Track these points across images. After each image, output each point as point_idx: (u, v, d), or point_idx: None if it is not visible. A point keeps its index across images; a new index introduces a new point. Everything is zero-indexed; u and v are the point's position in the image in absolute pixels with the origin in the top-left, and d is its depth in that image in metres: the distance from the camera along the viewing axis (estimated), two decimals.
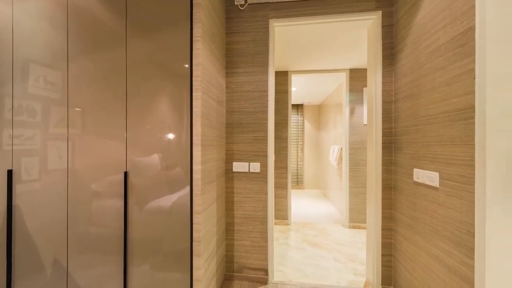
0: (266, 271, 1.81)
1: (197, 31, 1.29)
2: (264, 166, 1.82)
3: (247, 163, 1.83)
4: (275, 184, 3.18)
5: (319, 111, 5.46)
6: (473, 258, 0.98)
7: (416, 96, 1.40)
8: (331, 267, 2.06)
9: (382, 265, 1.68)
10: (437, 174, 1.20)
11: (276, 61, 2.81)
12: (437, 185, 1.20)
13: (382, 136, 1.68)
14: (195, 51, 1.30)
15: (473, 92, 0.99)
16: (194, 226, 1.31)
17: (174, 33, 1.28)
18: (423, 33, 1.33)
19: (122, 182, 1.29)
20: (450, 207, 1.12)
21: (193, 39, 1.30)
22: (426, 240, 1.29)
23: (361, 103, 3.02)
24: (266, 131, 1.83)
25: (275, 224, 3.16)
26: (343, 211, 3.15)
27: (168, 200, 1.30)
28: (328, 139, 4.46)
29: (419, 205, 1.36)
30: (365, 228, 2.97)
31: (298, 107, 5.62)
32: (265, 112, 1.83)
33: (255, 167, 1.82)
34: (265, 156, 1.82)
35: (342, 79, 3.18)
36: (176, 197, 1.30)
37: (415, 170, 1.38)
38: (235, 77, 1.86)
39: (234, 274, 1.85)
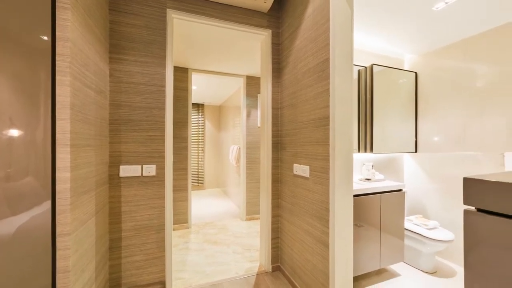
0: (163, 283, 1.66)
1: None
2: (161, 168, 1.66)
3: (139, 166, 1.60)
4: (174, 187, 2.97)
5: (220, 112, 5.63)
6: (328, 227, 1.35)
7: (295, 105, 1.74)
8: (230, 260, 2.18)
9: (272, 247, 1.97)
10: (308, 167, 1.55)
11: (176, 55, 2.64)
12: (308, 176, 1.55)
13: (272, 137, 1.97)
14: (61, 22, 0.99)
15: (328, 106, 1.36)
16: (59, 253, 0.99)
17: None
18: (299, 55, 1.68)
19: None
20: (316, 191, 1.47)
21: (57, 4, 0.98)
22: (301, 219, 1.63)
23: (256, 107, 3.40)
24: (164, 129, 1.67)
25: (175, 229, 2.96)
26: (241, 206, 3.41)
27: (8, 226, 0.90)
28: (228, 139, 4.69)
29: (297, 193, 1.70)
30: (259, 218, 3.37)
31: (199, 106, 5.54)
32: (163, 109, 1.67)
33: (150, 170, 1.62)
34: (162, 157, 1.66)
35: (241, 83, 3.44)
36: (26, 218, 0.93)
37: (295, 165, 1.72)
38: (123, 64, 1.57)
39: None
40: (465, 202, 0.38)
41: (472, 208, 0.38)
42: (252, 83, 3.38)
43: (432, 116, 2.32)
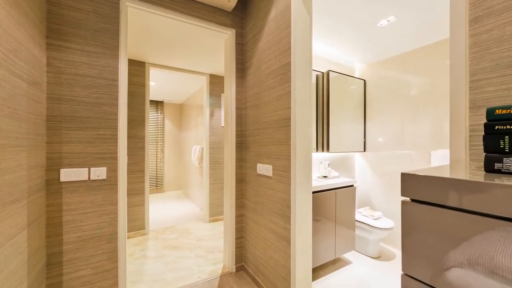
0: None
1: None
2: (113, 170, 1.50)
3: (86, 169, 1.42)
4: (129, 190, 2.72)
5: (181, 110, 5.38)
6: (289, 223, 1.41)
7: (258, 106, 1.77)
8: (193, 264, 2.10)
9: (236, 247, 1.97)
10: (271, 166, 1.59)
11: (132, 48, 2.42)
12: (271, 175, 1.59)
13: (236, 137, 1.97)
14: None
15: (290, 108, 1.42)
16: None
17: None
18: (263, 57, 1.71)
19: None
20: (278, 190, 1.53)
21: None
22: (264, 218, 1.67)
23: (219, 107, 3.34)
24: (117, 128, 1.52)
25: (130, 237, 2.71)
26: (204, 207, 3.32)
27: None
28: (190, 139, 4.51)
29: (260, 192, 1.73)
30: (223, 219, 3.33)
31: (158, 104, 5.19)
32: (115, 105, 1.51)
33: (100, 173, 1.45)
34: (115, 158, 1.51)
35: (203, 82, 3.35)
36: None
37: (258, 164, 1.75)
38: (65, 53, 1.37)
39: None
40: (402, 194, 0.44)
41: (408, 199, 0.44)
42: (216, 82, 3.32)
43: (377, 119, 2.63)
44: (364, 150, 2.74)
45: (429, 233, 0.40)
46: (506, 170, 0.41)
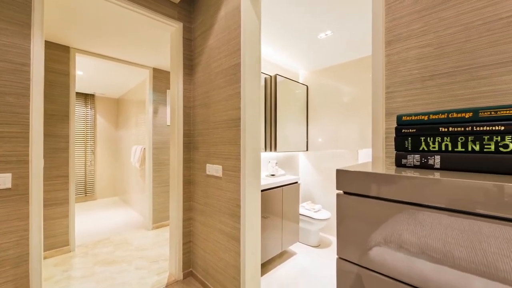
0: None
1: None
2: (22, 177, 1.21)
3: None
4: (46, 201, 2.24)
5: (118, 106, 4.75)
6: (239, 223, 1.43)
7: (208, 105, 1.72)
8: (132, 278, 1.89)
9: (184, 253, 1.87)
10: (220, 167, 1.58)
11: (52, 28, 2.00)
12: (221, 175, 1.58)
13: (183, 137, 1.87)
14: None
15: (240, 108, 1.43)
16: None
17: None
18: (213, 55, 1.68)
19: None
20: (228, 190, 1.52)
21: None
22: (214, 219, 1.64)
23: (165, 104, 3.11)
24: (28, 124, 1.23)
25: (47, 257, 2.23)
26: (146, 214, 3.02)
27: None
28: (129, 138, 4.04)
29: (209, 193, 1.69)
30: (169, 225, 3.10)
31: (87, 97, 4.44)
32: (25, 96, 1.22)
33: (2, 180, 1.15)
34: (26, 162, 1.22)
35: (146, 76, 3.05)
36: None
37: (207, 165, 1.70)
38: None
39: None
40: (337, 188, 0.50)
41: (341, 192, 0.50)
42: (160, 77, 3.07)
43: (318, 122, 2.92)
44: (307, 150, 3.00)
45: (357, 220, 0.47)
46: (410, 165, 0.51)
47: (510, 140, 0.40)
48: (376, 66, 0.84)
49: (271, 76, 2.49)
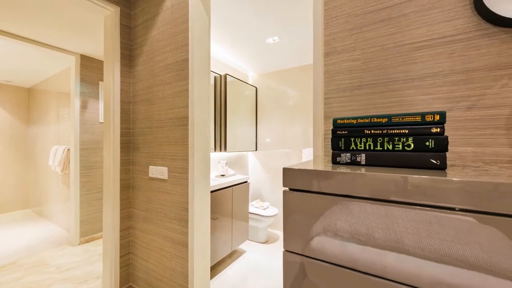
0: None
1: None
2: None
3: None
4: None
5: (30, 97, 3.86)
6: (187, 227, 1.36)
7: (151, 101, 1.58)
8: None
9: (121, 267, 1.65)
10: (166, 168, 1.47)
11: None
12: (166, 178, 1.47)
13: (121, 136, 1.65)
14: None
15: (187, 106, 1.37)
16: None
17: None
18: (157, 48, 1.54)
19: None
20: (175, 193, 1.43)
21: None
22: (158, 225, 1.51)
23: (97, 98, 2.69)
24: None
25: None
26: (71, 227, 2.55)
27: None
28: (47, 136, 3.32)
29: (153, 198, 1.55)
30: (102, 237, 2.70)
31: None
32: None
33: None
34: None
35: (71, 63, 2.57)
36: None
37: (150, 167, 1.56)
38: None
39: None
40: (283, 185, 0.53)
41: (287, 188, 0.54)
42: (91, 66, 2.64)
43: (266, 122, 3.05)
44: (256, 149, 3.10)
45: (301, 214, 0.52)
46: (343, 162, 0.59)
47: (412, 141, 0.51)
48: (317, 74, 0.93)
49: (221, 75, 2.47)
